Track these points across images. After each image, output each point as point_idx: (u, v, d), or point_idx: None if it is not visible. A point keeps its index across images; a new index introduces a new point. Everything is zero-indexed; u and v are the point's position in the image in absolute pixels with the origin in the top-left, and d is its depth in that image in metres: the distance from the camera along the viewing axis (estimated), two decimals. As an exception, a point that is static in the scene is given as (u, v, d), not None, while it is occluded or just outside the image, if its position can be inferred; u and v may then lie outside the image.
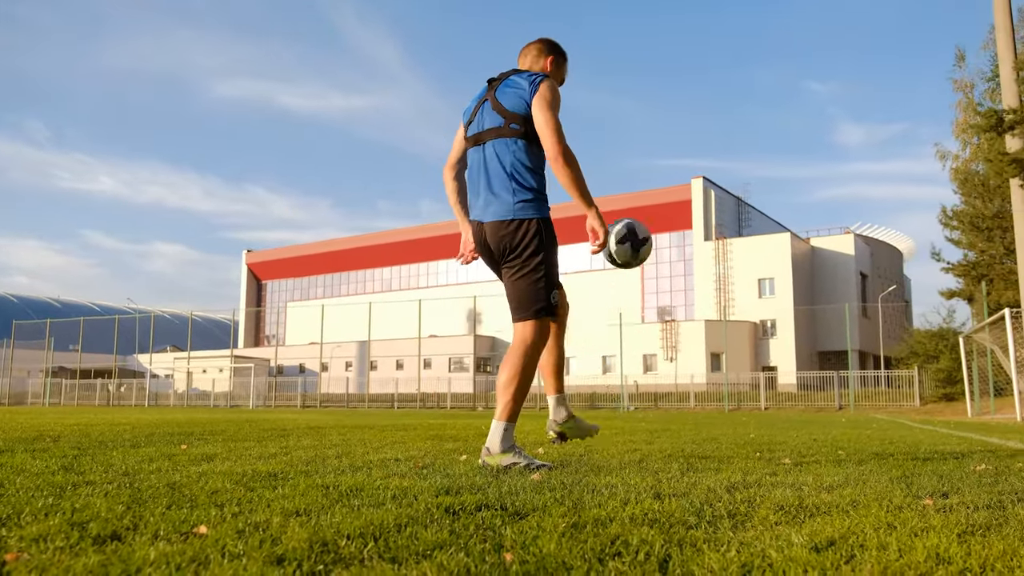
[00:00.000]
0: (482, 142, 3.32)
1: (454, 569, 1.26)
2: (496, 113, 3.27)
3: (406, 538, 1.53)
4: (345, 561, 1.34)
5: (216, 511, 1.85)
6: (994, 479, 2.97)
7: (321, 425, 8.12)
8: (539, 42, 3.55)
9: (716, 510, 2.01)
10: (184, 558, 1.31)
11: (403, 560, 1.34)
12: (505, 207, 3.21)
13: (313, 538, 1.49)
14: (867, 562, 1.39)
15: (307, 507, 1.92)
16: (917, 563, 1.39)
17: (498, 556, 1.38)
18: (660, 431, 7.43)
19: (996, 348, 18.35)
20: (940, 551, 1.49)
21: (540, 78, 3.26)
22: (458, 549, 1.43)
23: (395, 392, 41.01)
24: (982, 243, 29.36)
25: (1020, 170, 17.46)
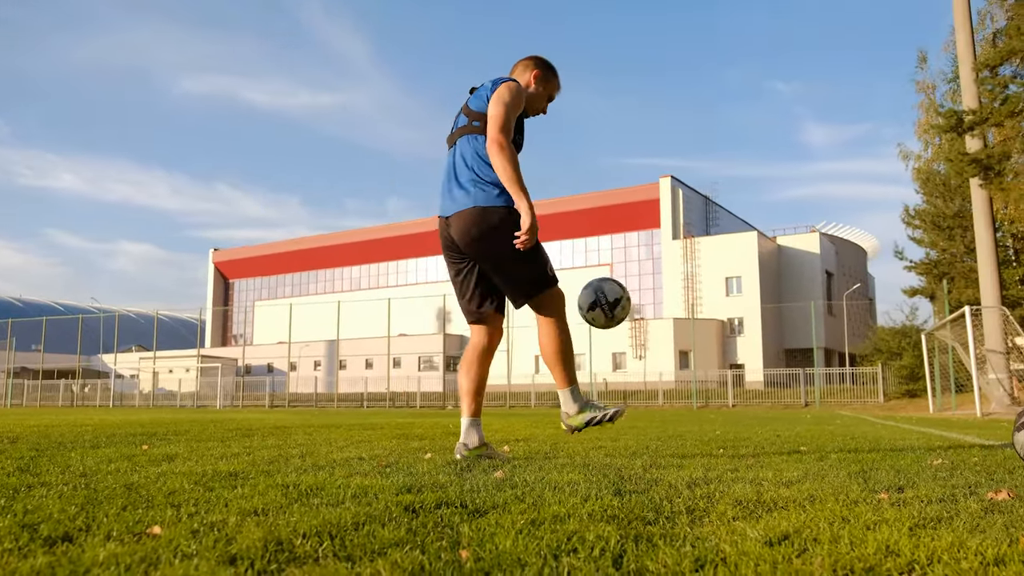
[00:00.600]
0: (452, 143, 3.47)
1: (408, 567, 1.26)
2: (464, 115, 3.43)
3: (363, 536, 1.52)
4: (299, 560, 1.33)
5: (172, 511, 1.83)
6: (949, 473, 3.03)
7: (287, 425, 8.05)
8: (528, 58, 3.69)
9: (675, 506, 2.03)
10: (134, 558, 1.29)
11: (358, 558, 1.34)
12: (468, 198, 3.27)
13: (268, 537, 1.47)
14: (818, 555, 1.41)
15: (265, 507, 1.90)
16: (867, 556, 1.41)
17: (454, 553, 1.38)
18: (627, 428, 7.47)
19: (957, 345, 18.72)
20: (890, 544, 1.52)
21: (502, 80, 3.39)
22: (414, 547, 1.43)
23: (364, 391, 40.82)
24: (943, 242, 29.92)
25: (979, 170, 17.81)
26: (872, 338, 37.28)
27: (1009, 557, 1.41)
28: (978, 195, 18.48)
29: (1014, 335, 18.07)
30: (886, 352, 33.36)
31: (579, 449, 4.30)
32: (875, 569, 1.33)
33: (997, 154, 17.74)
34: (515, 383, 39.94)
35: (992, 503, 2.17)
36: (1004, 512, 2.00)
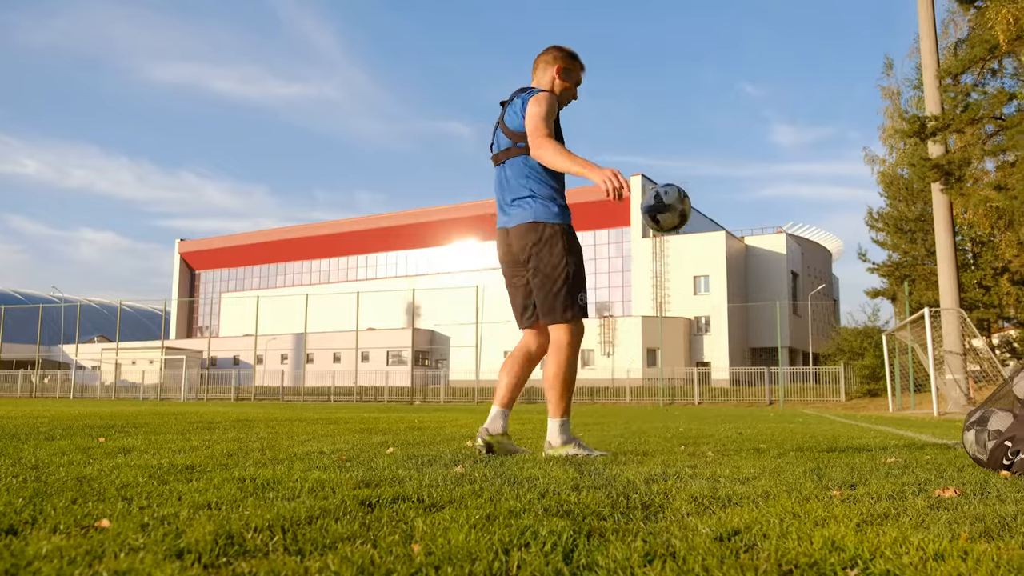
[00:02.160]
0: (500, 162, 3.58)
1: (358, 560, 1.26)
2: (505, 136, 3.54)
3: (315, 530, 1.52)
4: (249, 554, 1.32)
5: (123, 505, 1.81)
6: (901, 470, 3.09)
7: (250, 418, 7.98)
8: (546, 52, 3.69)
9: (631, 502, 2.05)
10: (79, 552, 1.28)
11: (308, 552, 1.33)
12: (526, 215, 3.43)
13: (219, 531, 1.46)
14: (765, 550, 1.44)
15: (219, 500, 1.89)
16: (812, 551, 1.44)
17: (406, 547, 1.39)
18: (592, 424, 7.52)
19: (916, 346, 19.08)
20: (836, 539, 1.55)
21: (532, 94, 3.47)
22: (366, 541, 1.43)
23: (332, 385, 40.56)
24: (905, 244, 30.45)
25: (941, 175, 18.14)
26: (835, 338, 37.87)
27: (948, 552, 1.45)
28: (939, 200, 18.83)
29: (971, 337, 18.46)
30: (848, 352, 33.90)
31: (542, 444, 4.32)
32: (819, 564, 1.35)
33: (958, 160, 18.08)
34: (484, 378, 39.96)
35: (939, 500, 2.22)
36: (950, 509, 2.05)
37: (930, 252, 25.73)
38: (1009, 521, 1.86)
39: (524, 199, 3.45)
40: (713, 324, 50.08)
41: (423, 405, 27.78)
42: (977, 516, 1.93)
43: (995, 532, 1.72)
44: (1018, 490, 2.47)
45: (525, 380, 3.67)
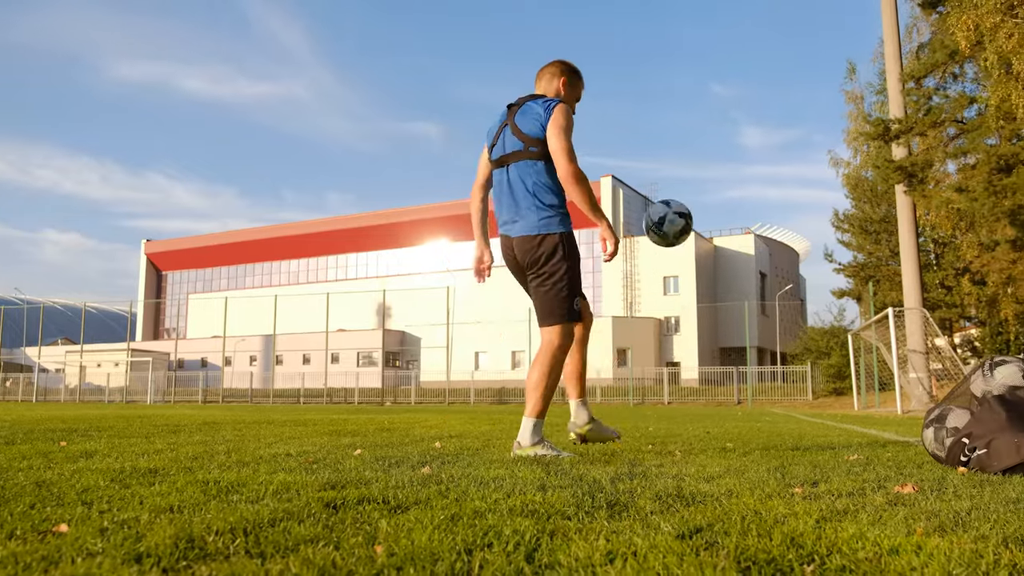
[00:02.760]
0: (505, 164, 3.61)
1: (320, 562, 1.26)
2: (516, 138, 3.56)
3: (278, 533, 1.51)
4: (209, 557, 1.31)
5: (83, 509, 1.79)
6: (863, 468, 3.14)
7: (217, 421, 7.90)
8: (552, 65, 3.80)
9: (596, 501, 2.06)
10: (35, 557, 1.26)
11: (269, 555, 1.33)
12: (531, 223, 3.51)
13: (179, 534, 1.45)
14: (725, 547, 1.46)
15: (181, 504, 1.87)
16: (771, 548, 1.46)
17: (369, 549, 1.39)
18: (560, 424, 7.54)
19: (881, 345, 19.38)
20: (795, 536, 1.57)
21: (554, 104, 3.54)
22: (329, 543, 1.43)
23: (301, 387, 40.24)
24: (870, 245, 30.93)
25: (904, 177, 18.45)
26: (802, 338, 38.35)
27: (903, 547, 1.48)
28: (902, 201, 19.14)
29: (933, 336, 18.80)
30: (815, 351, 34.34)
31: (510, 444, 4.33)
32: (777, 560, 1.37)
33: (920, 162, 18.40)
34: (455, 379, 39.89)
35: (897, 496, 2.27)
36: (907, 505, 2.09)
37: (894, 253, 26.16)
38: (963, 516, 1.91)
39: (529, 207, 3.53)
40: (683, 324, 50.46)
41: (394, 406, 27.67)
42: (933, 511, 1.98)
43: (949, 527, 1.76)
44: (974, 486, 2.53)
45: (585, 364, 3.84)
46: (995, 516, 1.91)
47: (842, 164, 36.91)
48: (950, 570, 1.31)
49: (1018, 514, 1.94)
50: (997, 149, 17.38)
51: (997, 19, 12.76)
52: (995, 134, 17.41)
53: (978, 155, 17.84)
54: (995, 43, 12.83)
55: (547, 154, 3.50)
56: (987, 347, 27.07)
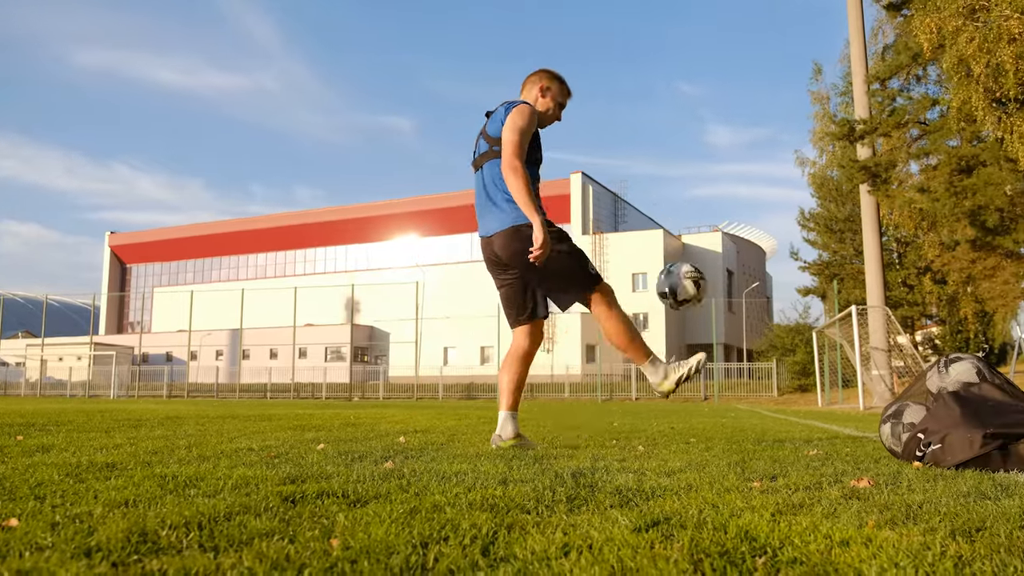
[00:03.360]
0: (478, 167, 3.76)
1: (273, 556, 1.25)
2: (484, 140, 3.73)
3: (234, 527, 1.50)
4: (162, 551, 1.30)
5: (35, 503, 1.76)
6: (821, 462, 3.19)
7: (181, 415, 7.80)
8: (535, 73, 3.92)
9: (557, 495, 2.07)
10: (-19, 552, 1.24)
11: (223, 549, 1.32)
12: (506, 217, 3.59)
13: (132, 528, 1.44)
14: (680, 540, 1.47)
15: (136, 498, 1.85)
16: (725, 540, 1.48)
17: (325, 542, 1.38)
18: (527, 420, 7.56)
19: (844, 342, 19.68)
20: (750, 529, 1.59)
21: (515, 104, 3.66)
22: (284, 536, 1.42)
23: (268, 382, 39.88)
24: (835, 244, 31.38)
25: (868, 177, 18.73)
26: (768, 335, 38.78)
27: (854, 539, 1.51)
28: (866, 201, 19.43)
29: (895, 334, 19.13)
30: (780, 348, 34.75)
31: (475, 440, 4.33)
32: (730, 553, 1.39)
33: (884, 162, 18.69)
34: (423, 374, 39.78)
35: (853, 490, 2.31)
36: (862, 499, 2.13)
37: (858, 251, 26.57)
38: (915, 509, 1.95)
39: (500, 203, 3.61)
40: (651, 321, 50.80)
41: (362, 401, 27.54)
42: (886, 505, 2.01)
43: (900, 520, 1.79)
44: (928, 480, 2.58)
45: (525, 377, 3.85)
46: (945, 509, 1.95)
47: (808, 163, 37.41)
48: (897, 561, 1.34)
49: (968, 507, 1.99)
50: (958, 150, 17.72)
51: (959, 22, 13.00)
52: (956, 136, 17.74)
53: (940, 156, 18.17)
54: (956, 46, 13.07)
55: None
56: (947, 345, 27.61)
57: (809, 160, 37.47)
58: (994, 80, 13.04)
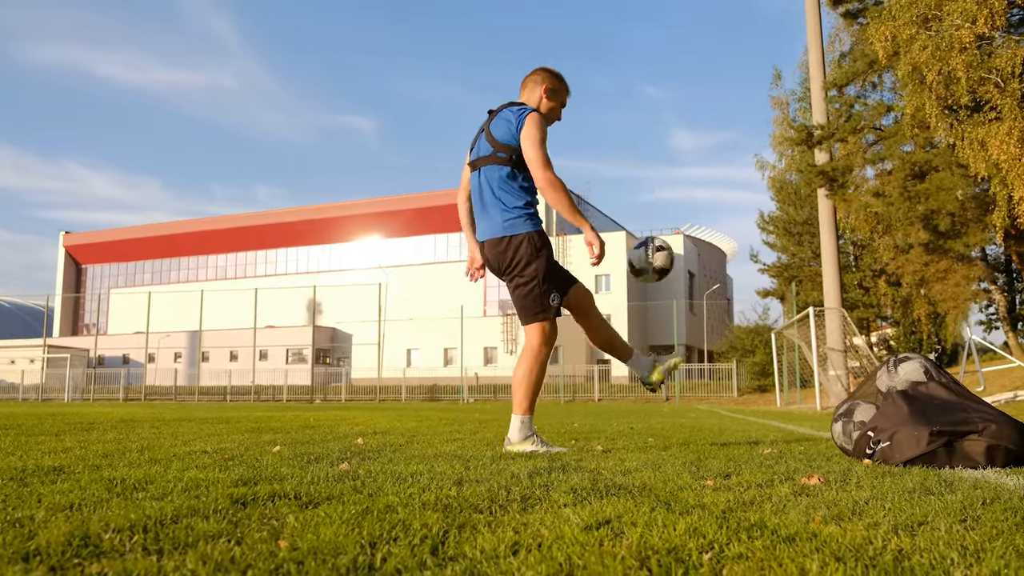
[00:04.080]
0: (477, 168, 3.70)
1: (217, 558, 1.24)
2: (488, 143, 3.65)
3: (180, 530, 1.48)
4: (104, 555, 1.28)
5: (-25, 508, 1.71)
6: (775, 461, 3.24)
7: (136, 418, 7.66)
8: (536, 72, 3.86)
9: (511, 495, 2.08)
10: (-86, 557, 1.21)
11: (167, 552, 1.30)
12: (496, 226, 3.60)
13: (75, 532, 1.41)
14: (629, 538, 1.49)
15: (82, 502, 1.82)
16: (673, 538, 1.50)
17: (273, 544, 1.37)
18: (489, 421, 7.56)
19: (802, 343, 19.99)
20: (699, 526, 1.61)
21: (527, 112, 3.60)
22: (231, 538, 1.41)
23: (228, 384, 39.35)
24: (793, 247, 31.88)
25: (826, 181, 19.07)
26: (728, 336, 39.27)
27: (800, 535, 1.54)
28: (824, 204, 19.78)
29: (852, 335, 19.49)
30: (740, 349, 35.21)
31: (434, 440, 4.33)
32: (678, 549, 1.41)
33: (841, 167, 19.05)
34: (386, 376, 39.57)
35: (803, 487, 2.35)
36: (811, 495, 2.17)
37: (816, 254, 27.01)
38: (862, 505, 1.99)
39: (495, 210, 3.61)
40: (614, 322, 51.11)
41: (324, 404, 27.31)
42: (834, 501, 2.05)
43: (847, 516, 1.83)
44: (876, 477, 2.63)
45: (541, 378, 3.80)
46: (890, 505, 1.99)
47: (768, 167, 37.96)
48: (839, 556, 1.37)
49: (912, 503, 2.03)
50: (912, 156, 18.12)
51: (913, 31, 13.30)
52: (910, 141, 18.13)
53: (894, 161, 18.57)
54: (910, 54, 13.37)
55: (514, 159, 3.58)
56: (901, 346, 28.20)
57: (769, 164, 38.04)
58: (946, 88, 13.36)
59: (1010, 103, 12.44)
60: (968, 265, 21.06)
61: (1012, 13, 13.85)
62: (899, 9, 13.79)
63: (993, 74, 12.71)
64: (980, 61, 12.84)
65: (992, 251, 23.87)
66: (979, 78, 12.88)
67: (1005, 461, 3.02)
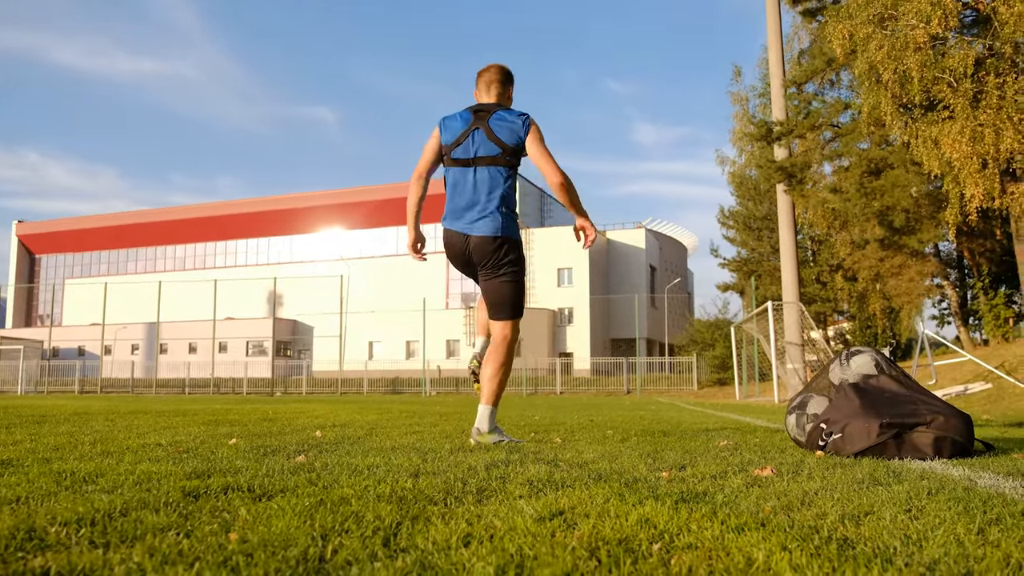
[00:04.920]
0: (473, 165, 3.80)
1: (165, 550, 1.23)
2: (493, 143, 3.78)
3: (128, 523, 1.46)
4: (49, 548, 1.26)
5: (-84, 503, 1.67)
6: (730, 453, 3.29)
7: (90, 411, 7.52)
8: (498, 71, 4.03)
9: (467, 487, 2.08)
10: None
11: (114, 545, 1.28)
12: (495, 225, 3.74)
13: (20, 526, 1.38)
14: (581, 529, 1.50)
15: (29, 495, 1.78)
16: (625, 528, 1.52)
17: (223, 537, 1.36)
18: (450, 414, 7.56)
19: (761, 337, 20.27)
20: (650, 517, 1.63)
21: (529, 118, 3.85)
22: (180, 531, 1.39)
23: (187, 377, 38.78)
24: (753, 241, 32.26)
25: (785, 177, 19.32)
26: (689, 330, 39.64)
27: (749, 525, 1.56)
28: (783, 200, 20.05)
29: (809, 329, 19.81)
30: (701, 343, 35.58)
31: (393, 433, 4.31)
32: (628, 539, 1.43)
33: (800, 163, 19.32)
34: (348, 369, 39.31)
35: (755, 478, 2.39)
36: (763, 486, 2.21)
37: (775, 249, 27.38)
38: (811, 496, 2.03)
39: (495, 210, 3.75)
40: (576, 315, 51.33)
41: (284, 396, 27.04)
42: (784, 492, 2.09)
43: (796, 506, 1.87)
44: (827, 468, 2.69)
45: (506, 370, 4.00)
46: (839, 495, 2.04)
47: (728, 163, 38.37)
48: (786, 545, 1.40)
49: (860, 493, 2.08)
50: (868, 153, 18.44)
51: (869, 30, 13.51)
52: (867, 139, 18.43)
53: (851, 158, 18.88)
54: (867, 53, 13.59)
55: (516, 163, 3.83)
56: (857, 339, 28.72)
57: (729, 159, 38.46)
58: (901, 87, 13.60)
59: (962, 103, 12.71)
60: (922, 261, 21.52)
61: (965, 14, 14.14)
62: (856, 8, 14.00)
63: (946, 74, 12.97)
64: (934, 61, 13.10)
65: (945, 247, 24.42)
66: (933, 77, 13.15)
67: (952, 452, 3.10)
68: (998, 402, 11.10)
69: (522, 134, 3.80)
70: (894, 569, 1.26)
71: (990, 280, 21.38)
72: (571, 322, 51.42)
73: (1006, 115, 12.45)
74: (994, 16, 12.65)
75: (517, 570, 1.20)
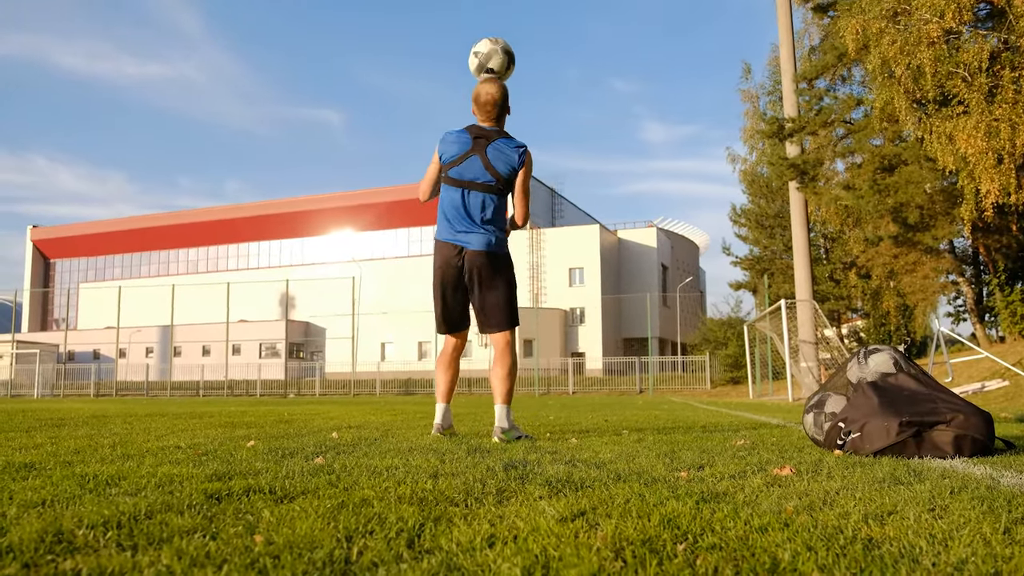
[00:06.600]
0: (466, 188, 4.05)
1: (193, 552, 1.23)
2: (489, 173, 4.04)
3: (154, 525, 1.47)
4: (78, 551, 1.27)
5: (-56, 506, 1.69)
6: (748, 452, 3.28)
7: (108, 414, 7.57)
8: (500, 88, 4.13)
9: (487, 487, 2.08)
10: None
11: (142, 547, 1.29)
12: (488, 241, 4.05)
13: (48, 529, 1.40)
14: (604, 529, 1.50)
15: (54, 498, 1.80)
16: (648, 528, 1.52)
17: (248, 539, 1.36)
18: (464, 415, 7.57)
19: (774, 335, 20.19)
20: (673, 517, 1.63)
21: (526, 151, 4.13)
22: (206, 533, 1.40)
23: (201, 379, 38.99)
24: (765, 239, 32.13)
25: (797, 174, 19.24)
26: (701, 328, 39.55)
27: (772, 525, 1.56)
28: (795, 197, 19.96)
29: (823, 327, 19.73)
30: (713, 342, 35.48)
31: (409, 434, 4.32)
32: (652, 540, 1.42)
33: (812, 160, 19.22)
34: (360, 370, 39.41)
35: (775, 478, 2.38)
36: (783, 486, 2.20)
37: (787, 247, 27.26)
38: (833, 495, 2.02)
39: (487, 229, 4.06)
40: (587, 315, 51.28)
41: (297, 398, 27.14)
42: (805, 492, 2.08)
43: (818, 506, 1.86)
44: (847, 467, 2.67)
45: (457, 375, 4.40)
46: (861, 495, 2.03)
47: (739, 160, 38.19)
48: (811, 545, 1.39)
49: (882, 493, 2.07)
50: (881, 149, 18.32)
51: (882, 24, 13.42)
52: (879, 135, 18.32)
53: (864, 155, 18.77)
54: (879, 48, 13.50)
55: (508, 191, 4.11)
56: (871, 337, 28.56)
57: (740, 157, 38.29)
58: (914, 82, 13.50)
59: (977, 97, 12.61)
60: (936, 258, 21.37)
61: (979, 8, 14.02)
62: (869, 3, 13.90)
63: (961, 68, 12.88)
64: (948, 55, 13.00)
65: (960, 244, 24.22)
66: (947, 72, 13.05)
67: (972, 451, 3.07)
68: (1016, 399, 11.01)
69: (517, 167, 4.09)
70: (921, 569, 1.25)
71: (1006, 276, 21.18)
72: (583, 322, 51.37)
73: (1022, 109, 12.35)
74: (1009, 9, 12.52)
75: (543, 571, 1.20)
